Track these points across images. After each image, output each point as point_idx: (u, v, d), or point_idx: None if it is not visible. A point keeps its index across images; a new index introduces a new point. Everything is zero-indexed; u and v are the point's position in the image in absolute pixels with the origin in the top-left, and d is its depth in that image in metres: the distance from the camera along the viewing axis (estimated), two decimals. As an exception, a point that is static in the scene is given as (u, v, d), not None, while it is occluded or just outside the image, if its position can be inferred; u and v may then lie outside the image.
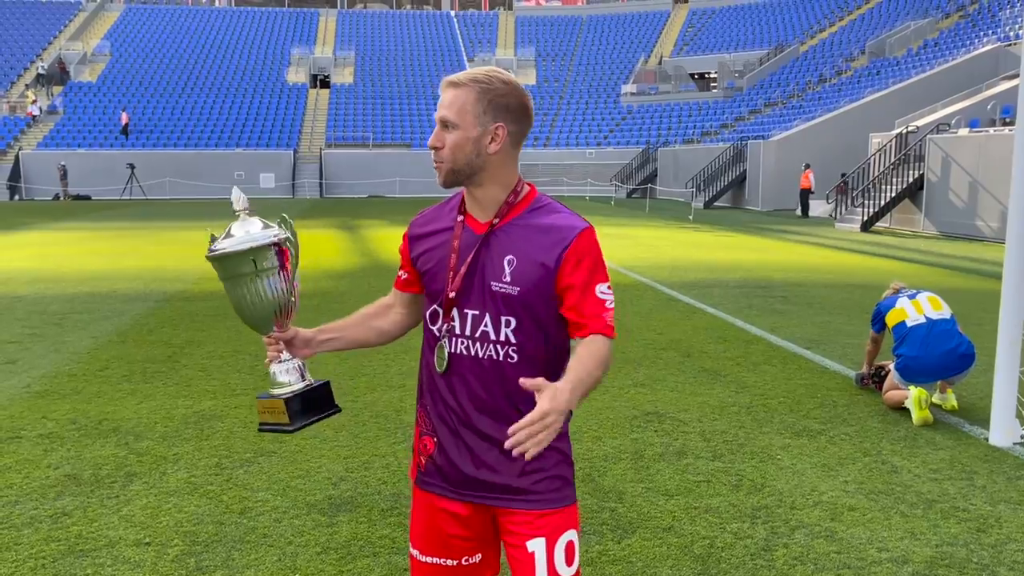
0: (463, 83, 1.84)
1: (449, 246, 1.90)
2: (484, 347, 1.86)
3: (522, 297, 1.83)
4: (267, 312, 1.93)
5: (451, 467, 1.91)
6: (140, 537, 3.58)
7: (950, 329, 5.28)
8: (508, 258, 1.84)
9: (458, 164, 1.83)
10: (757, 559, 3.37)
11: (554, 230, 1.83)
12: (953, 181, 19.79)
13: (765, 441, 4.80)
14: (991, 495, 4.03)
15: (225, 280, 1.95)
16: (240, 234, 1.92)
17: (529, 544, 1.86)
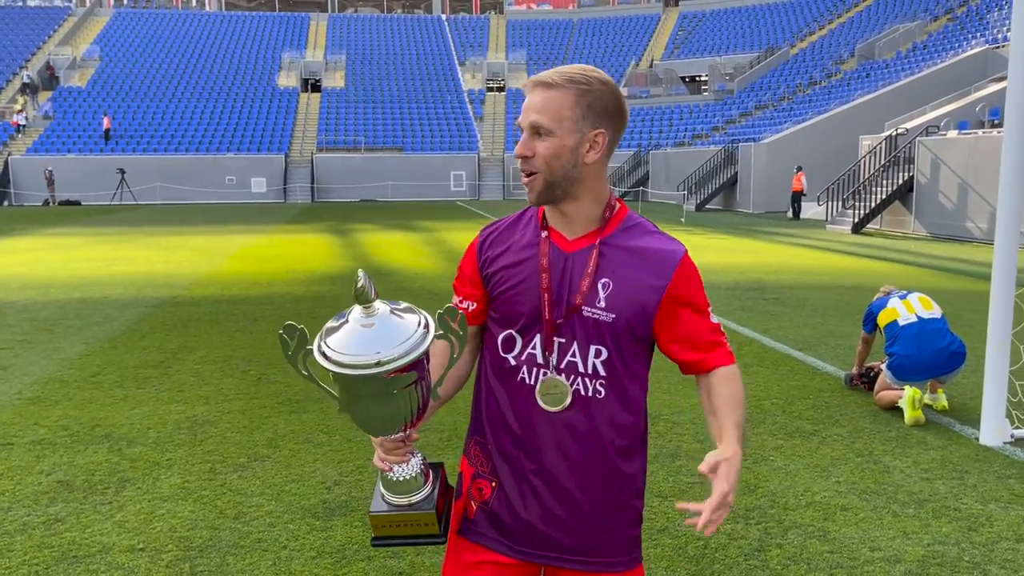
0: (558, 84, 1.62)
1: (533, 265, 1.67)
2: (570, 379, 1.67)
3: (617, 325, 1.66)
4: (401, 422, 1.56)
5: (512, 517, 1.71)
6: (134, 543, 3.57)
7: (941, 328, 5.32)
8: (603, 281, 1.66)
9: (555, 175, 1.63)
10: (751, 559, 3.39)
11: (654, 254, 1.68)
12: (942, 183, 19.90)
13: (758, 442, 4.82)
14: (982, 494, 4.06)
15: (345, 391, 1.53)
16: (370, 346, 1.46)
17: None
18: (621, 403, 1.69)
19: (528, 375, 1.68)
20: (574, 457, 1.67)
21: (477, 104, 50.58)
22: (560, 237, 1.69)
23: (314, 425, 5.18)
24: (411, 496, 1.61)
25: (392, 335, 1.47)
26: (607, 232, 1.68)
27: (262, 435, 5.00)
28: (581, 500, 1.68)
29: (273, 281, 11.84)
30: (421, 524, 1.61)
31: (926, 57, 34.03)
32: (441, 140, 46.12)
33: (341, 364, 1.46)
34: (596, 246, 1.66)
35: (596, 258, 1.65)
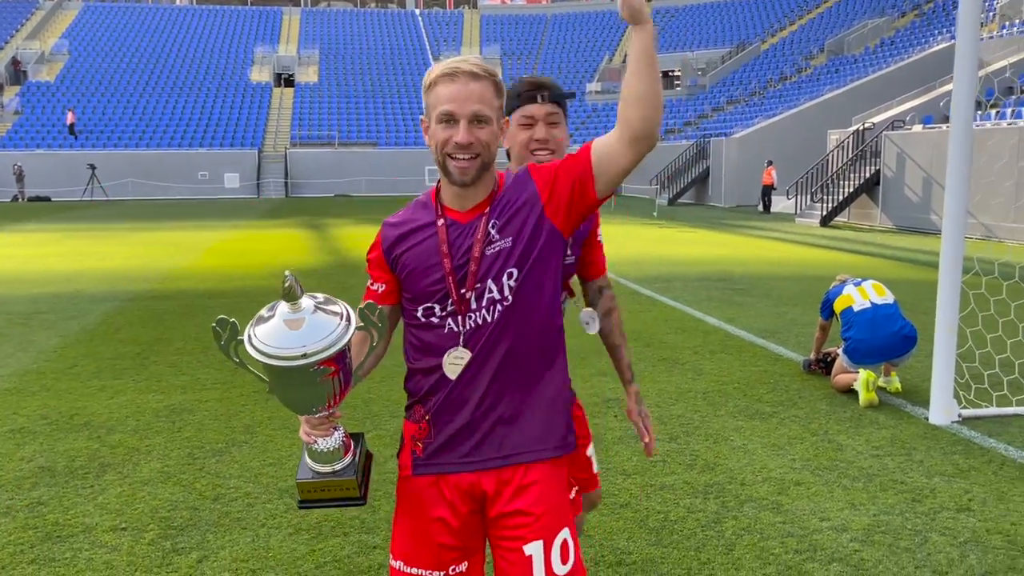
0: (484, 76, 1.79)
1: (433, 244, 1.85)
2: (491, 310, 1.82)
3: (517, 244, 1.82)
4: (324, 401, 1.70)
5: (452, 440, 1.87)
6: (116, 523, 3.69)
7: (893, 313, 5.55)
8: (492, 222, 1.83)
9: (489, 159, 1.82)
10: (708, 530, 3.58)
11: (515, 179, 1.88)
12: (908, 176, 20.31)
13: (719, 424, 5.03)
14: (927, 469, 4.28)
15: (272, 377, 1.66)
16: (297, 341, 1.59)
17: (526, 548, 1.84)
18: (535, 307, 1.84)
19: (455, 324, 1.83)
20: (513, 361, 1.83)
21: (451, 99, 50.53)
22: (455, 213, 1.85)
23: (290, 412, 5.29)
24: (334, 464, 1.75)
25: (316, 330, 1.60)
26: (494, 196, 1.86)
27: (239, 422, 5.13)
28: (511, 407, 1.85)
29: (247, 275, 11.90)
30: (344, 488, 1.76)
31: (893, 52, 34.60)
32: (416, 135, 46.08)
33: (270, 356, 1.59)
34: (485, 213, 1.83)
35: (485, 223, 1.82)
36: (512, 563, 1.85)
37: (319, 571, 3.25)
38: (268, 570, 3.26)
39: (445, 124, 1.78)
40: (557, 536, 1.85)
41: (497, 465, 1.87)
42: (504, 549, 1.87)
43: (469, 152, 1.77)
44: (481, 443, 1.86)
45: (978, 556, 3.33)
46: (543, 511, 1.85)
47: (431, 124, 1.82)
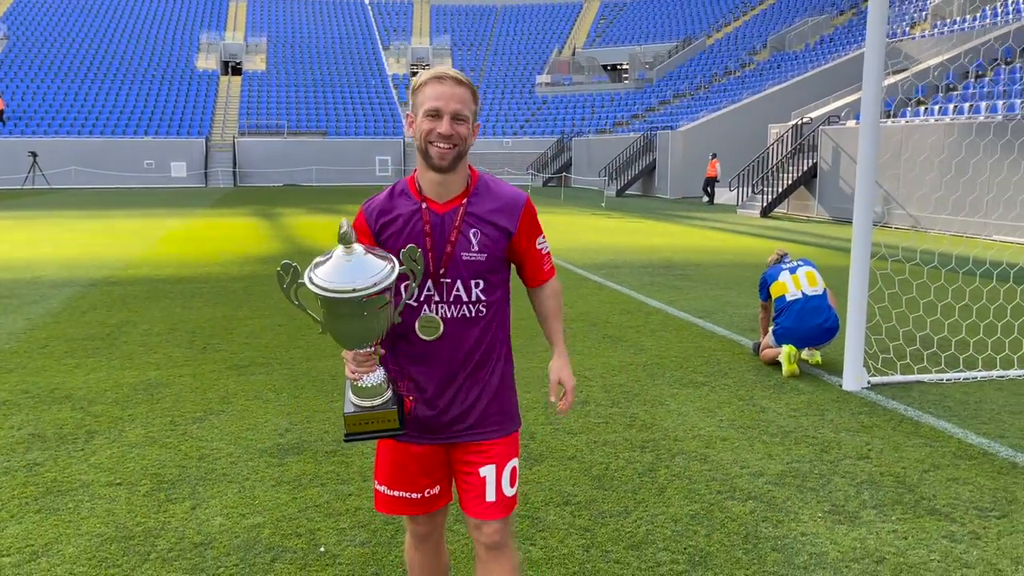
0: (464, 83, 2.14)
1: (417, 228, 2.16)
2: (458, 308, 2.18)
3: (488, 262, 2.19)
4: (373, 338, 1.98)
5: (431, 418, 2.22)
6: (111, 479, 4.06)
7: (820, 305, 6.11)
8: (472, 231, 2.17)
9: (463, 151, 2.15)
10: (643, 477, 4.09)
11: (504, 203, 2.21)
12: (843, 169, 21.24)
13: (656, 391, 5.56)
14: (836, 426, 4.87)
15: (329, 313, 1.93)
16: (351, 276, 1.88)
17: (481, 471, 2.22)
18: (495, 317, 2.24)
19: (428, 309, 2.18)
20: (462, 366, 2.20)
21: (402, 89, 50.62)
22: (433, 203, 2.17)
23: (262, 385, 5.70)
24: (375, 399, 2.03)
25: (366, 269, 1.89)
26: (468, 193, 2.19)
27: (214, 394, 5.49)
28: (475, 395, 2.22)
29: (205, 262, 12.13)
30: (385, 420, 2.04)
31: (832, 49, 35.79)
32: (366, 125, 46.08)
33: (326, 290, 1.86)
34: (463, 205, 2.17)
35: (462, 215, 2.16)
36: (469, 484, 2.24)
37: (302, 515, 3.67)
38: (256, 514, 3.67)
39: (431, 118, 2.10)
40: (508, 463, 2.26)
41: (455, 441, 2.25)
42: (463, 473, 2.26)
43: (449, 142, 2.10)
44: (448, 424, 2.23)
45: (871, 493, 3.91)
46: (496, 446, 2.25)
47: (417, 118, 2.13)
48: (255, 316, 8.10)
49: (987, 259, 10.74)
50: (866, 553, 3.32)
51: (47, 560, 3.25)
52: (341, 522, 3.59)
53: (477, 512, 2.24)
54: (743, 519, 3.62)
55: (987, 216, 16.39)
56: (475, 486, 2.23)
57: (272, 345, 6.87)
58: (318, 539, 3.43)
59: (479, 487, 2.23)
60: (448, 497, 2.36)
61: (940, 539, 3.44)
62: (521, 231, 2.22)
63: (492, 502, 2.23)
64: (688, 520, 3.61)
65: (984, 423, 4.93)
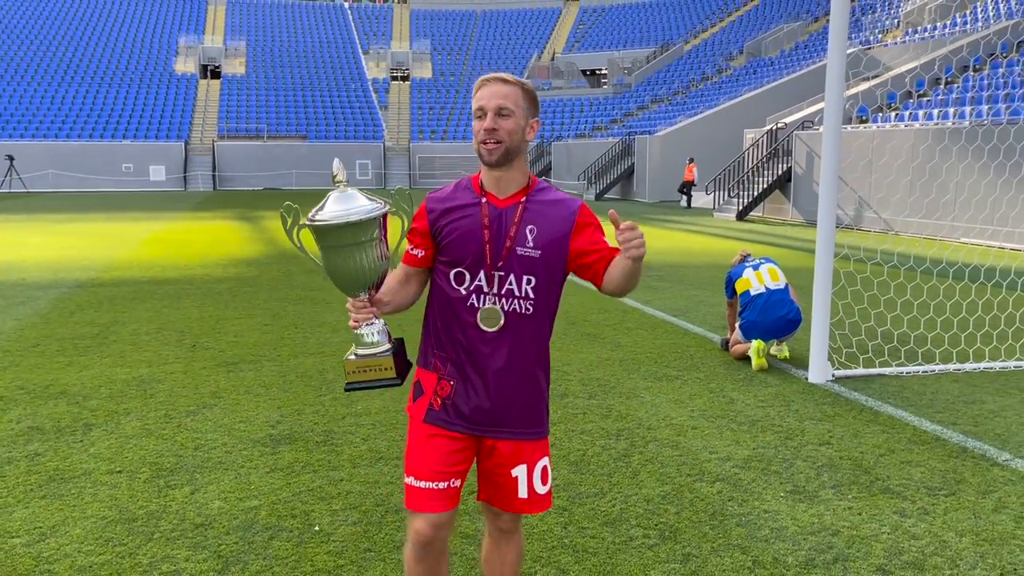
0: (511, 82, 2.19)
1: (475, 220, 2.20)
2: (509, 302, 2.21)
3: (542, 259, 2.20)
4: (366, 279, 2.10)
5: (468, 406, 2.24)
6: (111, 468, 4.25)
7: (783, 299, 6.41)
8: (530, 227, 2.21)
9: (512, 145, 2.17)
10: (619, 462, 4.34)
11: (562, 204, 2.25)
12: (816, 174, 21.67)
13: (631, 384, 5.82)
14: (801, 416, 5.14)
15: (325, 248, 2.06)
16: (344, 207, 2.03)
17: (513, 471, 2.28)
18: (543, 317, 2.26)
19: (477, 300, 2.21)
20: (510, 360, 2.23)
21: (382, 93, 50.77)
22: (494, 197, 2.22)
23: (252, 380, 5.90)
24: (375, 348, 2.15)
25: (359, 203, 2.05)
26: (528, 192, 2.24)
27: (206, 389, 5.68)
28: (515, 391, 2.25)
29: (189, 264, 12.27)
30: (382, 369, 2.15)
31: (806, 56, 36.38)
32: (346, 128, 46.18)
33: (324, 220, 2.02)
34: (522, 202, 2.22)
35: (521, 211, 2.21)
36: (500, 485, 2.31)
37: (296, 498, 3.89)
38: (252, 498, 3.88)
39: (479, 119, 2.17)
40: (539, 462, 2.32)
41: (497, 437, 2.28)
42: (494, 473, 2.31)
43: (494, 138, 2.14)
44: (486, 417, 2.26)
45: (830, 474, 4.18)
46: (527, 447, 2.30)
47: (474, 121, 2.22)
48: (242, 316, 8.28)
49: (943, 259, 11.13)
50: (823, 527, 3.59)
51: (55, 540, 3.44)
52: (333, 504, 3.80)
53: (506, 506, 2.33)
54: (711, 499, 3.87)
55: (956, 219, 16.85)
56: (505, 485, 2.31)
57: (260, 343, 7.06)
58: (312, 519, 3.65)
59: (511, 486, 2.30)
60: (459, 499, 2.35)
61: (891, 515, 3.72)
62: (579, 229, 2.23)
63: (524, 499, 2.31)
64: (659, 500, 3.86)
65: (939, 411, 5.23)
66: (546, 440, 2.36)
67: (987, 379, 6.05)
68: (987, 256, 13.01)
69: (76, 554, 3.32)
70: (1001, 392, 5.71)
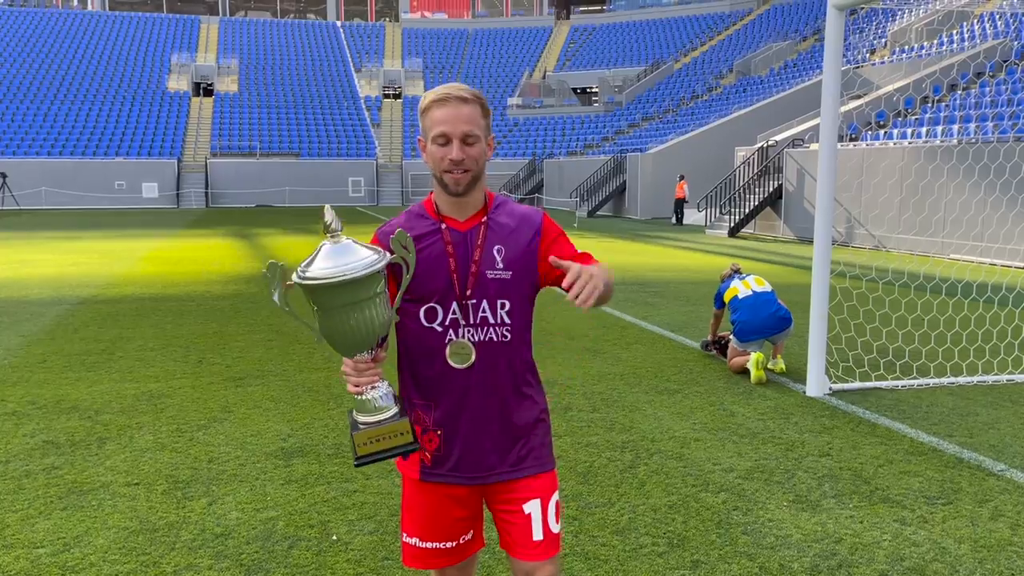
0: (471, 99, 1.99)
1: (438, 248, 2.02)
2: (484, 331, 2.02)
3: (514, 280, 2.04)
4: (371, 338, 1.83)
5: (462, 456, 2.05)
6: (129, 480, 4.33)
7: (770, 299, 6.62)
8: (496, 247, 2.04)
9: (478, 172, 2.02)
10: (625, 473, 4.45)
11: (525, 218, 2.09)
12: (807, 191, 21.93)
13: (634, 398, 5.93)
14: (800, 428, 5.27)
15: (320, 310, 1.79)
16: (339, 262, 1.75)
17: (525, 507, 2.07)
18: (521, 342, 2.09)
19: (454, 335, 2.02)
20: (495, 396, 2.05)
21: (374, 111, 51.03)
22: (453, 221, 2.05)
23: (260, 395, 5.99)
24: (384, 413, 1.87)
25: (356, 255, 1.78)
26: (488, 209, 2.07)
27: (215, 404, 5.77)
28: (505, 428, 2.07)
29: (189, 281, 12.35)
30: (398, 435, 1.87)
31: (796, 74, 36.82)
32: (339, 146, 46.38)
33: (316, 279, 1.73)
34: (484, 222, 2.05)
35: (485, 231, 2.04)
36: (512, 523, 2.09)
37: (312, 508, 3.98)
38: (269, 509, 3.97)
39: (440, 144, 1.97)
40: (551, 497, 2.11)
41: (496, 481, 2.09)
42: (505, 512, 2.11)
43: (461, 167, 1.98)
44: (482, 460, 2.07)
45: (831, 484, 4.30)
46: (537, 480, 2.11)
47: (428, 144, 2.00)
48: (245, 332, 8.36)
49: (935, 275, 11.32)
50: (826, 535, 3.70)
51: (80, 550, 3.53)
52: (349, 514, 3.90)
53: (527, 554, 2.09)
54: (716, 508, 3.98)
55: (945, 236, 17.09)
56: (520, 524, 2.09)
57: (265, 358, 7.15)
58: (330, 529, 3.74)
59: (525, 525, 2.09)
60: (480, 543, 2.24)
61: (892, 523, 3.83)
62: (546, 243, 2.08)
63: (540, 541, 2.09)
64: (666, 509, 3.97)
65: (934, 424, 5.36)
66: (554, 473, 2.16)
67: (980, 392, 6.19)
68: (978, 272, 13.22)
69: (101, 563, 3.40)
70: (994, 405, 5.85)
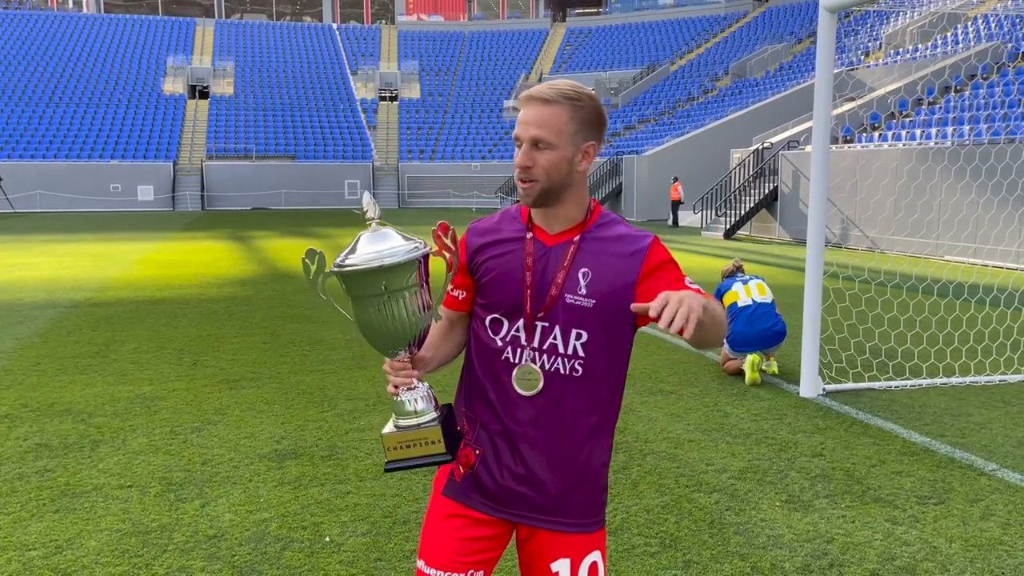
0: (554, 100, 1.75)
1: (518, 257, 1.82)
2: (551, 360, 1.81)
3: (597, 310, 1.79)
4: (406, 334, 1.72)
5: (493, 481, 1.86)
6: (121, 483, 4.33)
7: (769, 311, 6.59)
8: (583, 271, 1.80)
9: (552, 184, 1.77)
10: (618, 474, 4.45)
11: (627, 242, 1.82)
12: (802, 193, 21.98)
13: (628, 399, 5.94)
14: (793, 428, 5.28)
15: (356, 299, 1.70)
16: (377, 248, 1.66)
17: (553, 565, 1.85)
18: (597, 382, 1.83)
19: (512, 355, 1.82)
20: (549, 432, 1.82)
21: (370, 113, 51.04)
22: (543, 232, 1.83)
23: (254, 397, 5.98)
24: (419, 418, 1.75)
25: (394, 243, 1.67)
26: (586, 227, 1.82)
27: (209, 406, 5.77)
28: (554, 470, 1.83)
29: (184, 284, 12.34)
30: (428, 443, 1.73)
31: (791, 77, 36.90)
32: (335, 148, 46.37)
33: (353, 266, 1.65)
34: (575, 241, 1.80)
35: (574, 252, 1.79)
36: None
37: (305, 510, 3.98)
38: (262, 511, 3.97)
39: (518, 148, 1.80)
40: (587, 557, 1.87)
41: (532, 524, 1.86)
42: (531, 565, 1.90)
43: (528, 176, 1.77)
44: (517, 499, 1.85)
45: (823, 484, 4.31)
46: (574, 538, 1.87)
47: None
48: (240, 335, 8.36)
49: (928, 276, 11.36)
50: (818, 534, 3.71)
51: (72, 552, 3.52)
52: (342, 516, 3.90)
53: None
54: (709, 508, 3.99)
55: (940, 238, 17.13)
56: None
57: (259, 361, 7.14)
58: (322, 531, 3.74)
59: None
60: None
61: (883, 522, 3.85)
62: (649, 274, 1.79)
63: None
64: (659, 510, 3.97)
65: (927, 424, 5.38)
66: (599, 535, 1.91)
67: (972, 392, 6.21)
68: (970, 273, 13.26)
69: (94, 565, 3.40)
70: (986, 405, 5.87)
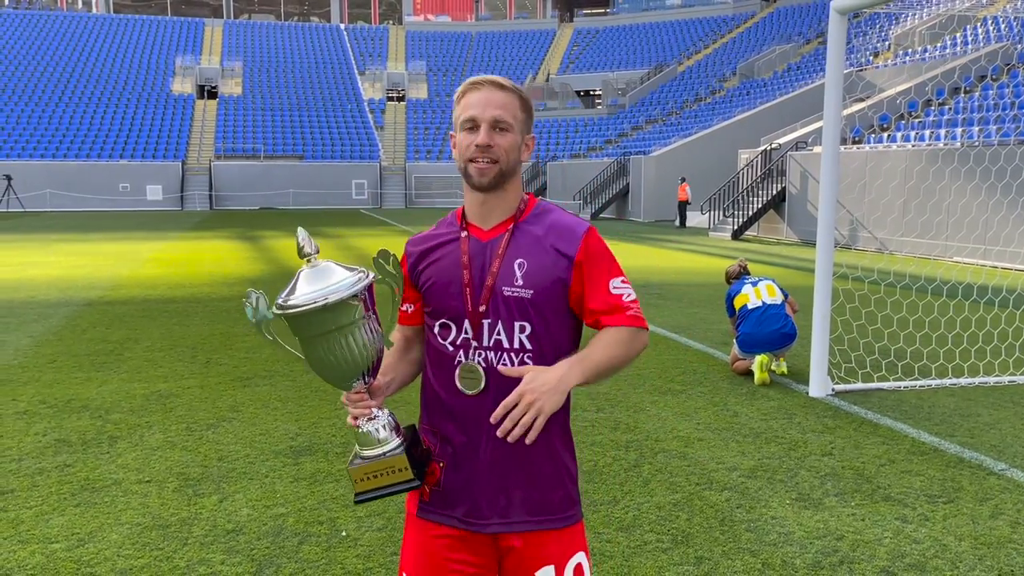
0: (508, 87, 1.79)
1: (454, 257, 1.82)
2: (498, 356, 1.78)
3: (536, 300, 1.77)
4: (358, 366, 1.69)
5: (460, 494, 1.81)
6: (140, 477, 4.39)
7: (779, 313, 6.62)
8: (519, 261, 1.78)
9: (508, 167, 1.78)
10: (630, 472, 4.50)
11: (560, 231, 1.81)
12: (810, 194, 21.97)
13: (638, 398, 5.99)
14: (803, 428, 5.32)
15: (302, 338, 1.66)
16: (318, 286, 1.63)
17: (538, 574, 1.81)
18: None
19: (465, 358, 1.79)
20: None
21: (378, 113, 51.15)
22: (478, 230, 1.82)
23: (268, 395, 6.05)
24: (382, 447, 1.72)
25: (336, 278, 1.63)
26: (520, 218, 1.83)
27: (224, 403, 5.83)
28: (519, 471, 1.79)
29: (195, 283, 12.42)
30: (395, 471, 1.71)
31: (799, 77, 36.86)
32: (342, 148, 46.48)
33: (296, 307, 1.61)
34: (509, 230, 1.80)
35: (507, 241, 1.78)
36: None
37: (321, 506, 4.04)
38: (279, 506, 4.03)
39: (468, 131, 1.77)
40: (570, 560, 1.83)
41: (498, 531, 1.82)
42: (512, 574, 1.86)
43: (488, 155, 1.75)
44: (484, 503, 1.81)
45: (833, 483, 4.35)
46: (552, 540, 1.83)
47: (457, 133, 1.80)
48: (251, 333, 8.42)
49: (937, 277, 11.36)
50: (828, 532, 3.75)
51: (94, 545, 3.59)
52: (358, 511, 3.95)
53: None
54: (720, 506, 4.04)
55: (949, 239, 17.12)
56: None
57: (272, 359, 7.21)
58: (339, 526, 3.80)
59: None
60: None
61: (893, 520, 3.89)
62: (582, 264, 1.79)
63: None
64: (671, 507, 4.02)
65: (936, 424, 5.41)
66: (579, 527, 1.87)
67: (981, 393, 6.24)
68: (979, 275, 13.26)
69: (116, 558, 3.46)
70: (996, 405, 5.90)
